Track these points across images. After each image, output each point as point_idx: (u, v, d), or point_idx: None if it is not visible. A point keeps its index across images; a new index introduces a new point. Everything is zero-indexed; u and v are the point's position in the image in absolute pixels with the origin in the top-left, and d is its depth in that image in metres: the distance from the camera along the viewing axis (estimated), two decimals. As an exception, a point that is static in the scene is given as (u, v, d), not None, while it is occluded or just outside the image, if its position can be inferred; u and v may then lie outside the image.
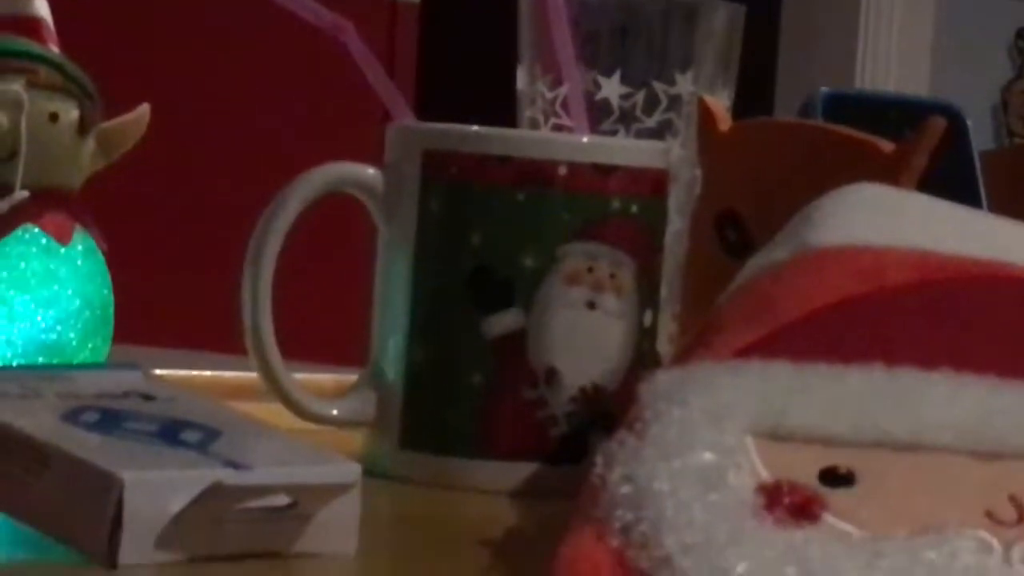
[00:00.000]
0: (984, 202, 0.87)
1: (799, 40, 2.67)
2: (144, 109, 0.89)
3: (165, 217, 1.03)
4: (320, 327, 0.95)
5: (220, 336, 0.94)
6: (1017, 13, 2.69)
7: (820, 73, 2.61)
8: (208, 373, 0.99)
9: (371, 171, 0.80)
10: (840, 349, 0.70)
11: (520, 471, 0.79)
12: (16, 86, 0.84)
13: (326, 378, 0.95)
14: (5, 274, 0.85)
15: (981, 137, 0.94)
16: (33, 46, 0.87)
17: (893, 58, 2.56)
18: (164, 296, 0.82)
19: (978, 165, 0.90)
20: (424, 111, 0.85)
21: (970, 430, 0.67)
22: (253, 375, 0.83)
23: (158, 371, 0.78)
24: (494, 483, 0.79)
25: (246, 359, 0.83)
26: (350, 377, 0.87)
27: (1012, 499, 0.62)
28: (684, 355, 0.74)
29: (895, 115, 0.87)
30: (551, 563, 0.56)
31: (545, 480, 0.79)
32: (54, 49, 0.88)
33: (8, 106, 0.84)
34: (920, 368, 0.68)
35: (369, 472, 0.72)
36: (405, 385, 0.81)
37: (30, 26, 0.88)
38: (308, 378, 0.87)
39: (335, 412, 0.81)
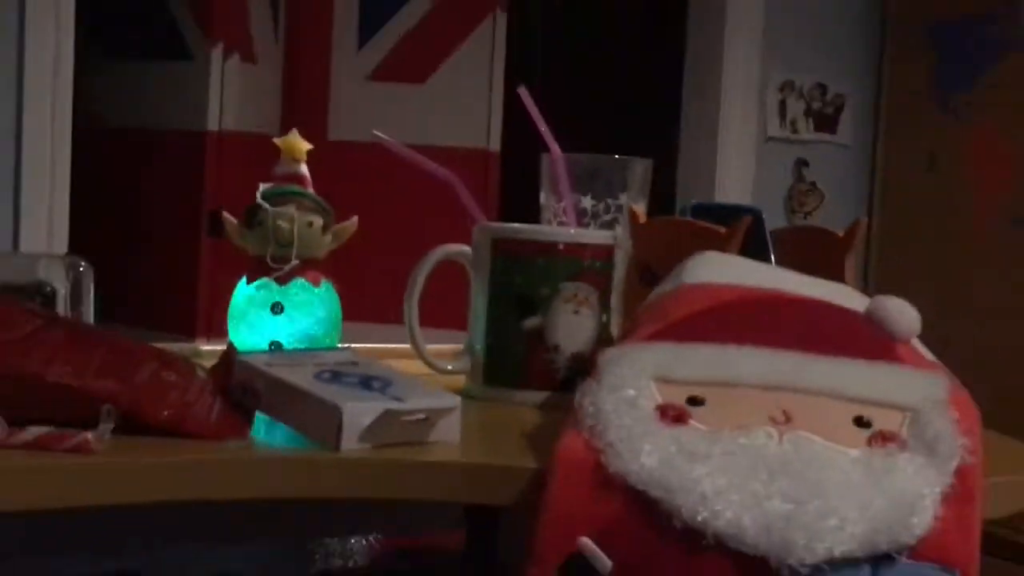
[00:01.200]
0: (772, 259, 1.12)
1: (689, 175, 3.02)
2: (354, 220, 1.13)
3: (364, 271, 1.21)
4: (441, 324, 1.15)
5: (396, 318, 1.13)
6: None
7: (690, 191, 3.09)
8: (384, 345, 1.19)
9: (467, 248, 1.09)
10: (698, 335, 0.93)
11: (541, 396, 1.06)
12: (291, 208, 1.08)
13: (445, 348, 1.13)
14: (289, 302, 1.09)
15: (777, 219, 1.21)
16: (300, 188, 1.11)
17: (729, 184, 2.96)
18: (363, 311, 1.04)
19: (769, 239, 1.15)
20: (495, 217, 1.11)
21: (764, 376, 0.89)
22: (409, 348, 1.11)
23: (357, 346, 1.03)
24: (530, 401, 1.05)
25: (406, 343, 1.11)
26: (456, 346, 1.13)
27: (783, 411, 0.86)
28: (620, 339, 1.00)
29: (727, 213, 1.11)
30: (555, 446, 0.84)
31: (554, 400, 1.04)
32: (309, 189, 1.11)
33: (288, 219, 1.07)
34: (740, 344, 0.91)
35: (466, 397, 0.99)
36: (485, 354, 1.08)
37: (299, 178, 1.11)
38: (435, 348, 1.11)
39: (450, 367, 1.10)
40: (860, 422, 0.86)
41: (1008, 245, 2.86)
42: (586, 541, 0.80)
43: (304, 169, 1.13)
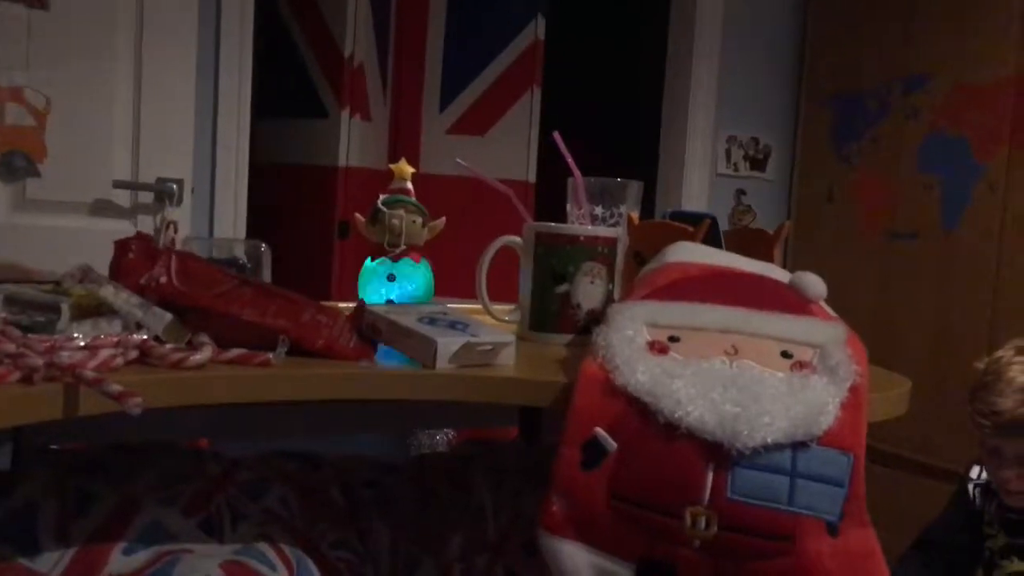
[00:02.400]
0: (724, 248, 1.11)
1: (665, 197, 3.02)
2: (442, 220, 1.14)
3: (449, 256, 1.20)
4: (499, 298, 1.12)
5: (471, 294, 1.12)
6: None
7: (667, 206, 3.06)
8: (463, 305, 1.15)
9: (519, 239, 1.09)
10: (675, 296, 0.94)
11: (568, 338, 1.06)
12: (401, 211, 1.10)
13: (503, 307, 1.13)
14: (399, 273, 1.10)
15: (723, 223, 1.21)
16: (406, 197, 1.12)
17: (691, 206, 2.95)
18: (449, 281, 1.04)
19: (722, 235, 1.17)
20: (537, 218, 1.10)
21: (721, 323, 0.90)
22: (480, 307, 1.11)
23: (450, 304, 1.05)
24: (561, 342, 1.06)
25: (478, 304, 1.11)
26: (511, 306, 1.13)
27: (734, 347, 0.87)
28: (621, 300, 0.99)
29: (693, 218, 1.10)
30: (579, 367, 0.86)
31: (577, 342, 1.04)
32: (412, 198, 1.13)
33: (399, 217, 1.08)
34: (704, 302, 0.92)
35: (519, 339, 0.99)
36: (530, 310, 1.08)
37: (406, 191, 1.13)
38: (497, 307, 1.12)
39: (507, 318, 1.10)
40: (785, 355, 0.87)
41: (885, 253, 2.86)
42: (599, 430, 0.82)
43: (409, 185, 1.15)
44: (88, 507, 0.89)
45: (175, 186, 2.23)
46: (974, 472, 1.69)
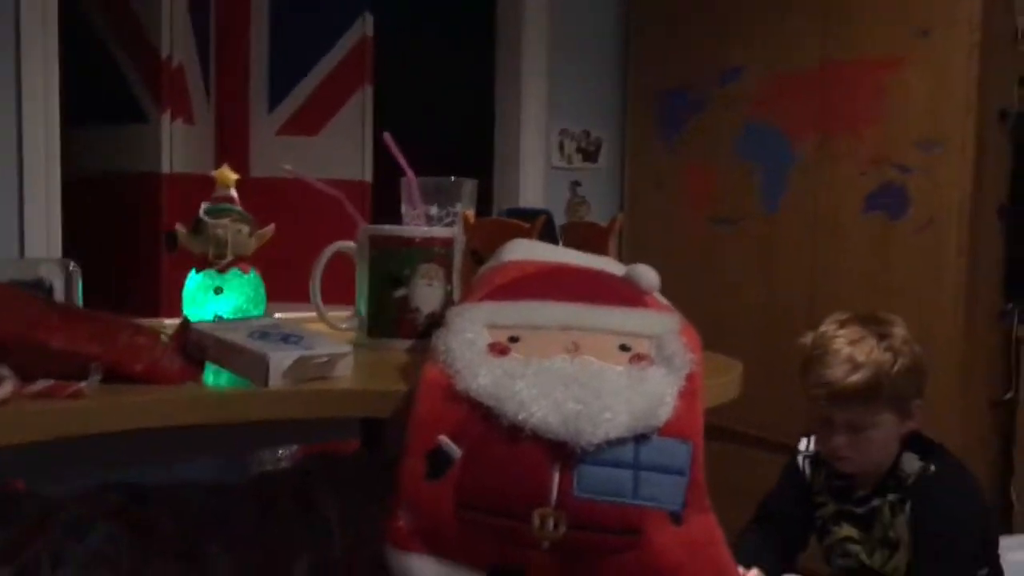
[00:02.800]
0: (560, 243, 1.13)
1: (501, 192, 3.04)
2: (271, 227, 1.10)
3: (283, 260, 1.17)
4: (334, 301, 1.10)
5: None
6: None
7: (502, 202, 3.07)
8: (296, 315, 1.10)
9: (353, 243, 1.07)
10: (514, 295, 0.93)
11: (407, 343, 1.04)
12: (225, 220, 1.05)
13: (339, 314, 1.10)
14: (227, 285, 1.06)
15: (560, 221, 1.22)
16: (231, 205, 1.08)
17: (526, 198, 2.98)
18: (283, 287, 1.01)
19: (557, 231, 1.17)
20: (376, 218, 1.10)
21: (559, 320, 0.89)
22: (314, 315, 1.08)
23: (279, 315, 1.01)
24: (400, 347, 1.03)
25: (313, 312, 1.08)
26: (347, 313, 1.10)
27: (574, 343, 0.86)
28: (460, 301, 0.98)
29: (528, 214, 1.11)
30: (419, 374, 0.83)
31: (418, 347, 1.02)
32: (237, 206, 1.08)
33: (223, 227, 1.04)
34: (542, 300, 0.91)
35: (356, 346, 0.97)
36: (368, 316, 1.05)
37: (230, 199, 1.08)
38: (333, 315, 1.09)
39: (344, 326, 1.07)
40: (624, 348, 0.87)
41: (708, 237, 2.97)
42: (443, 437, 0.80)
43: (234, 192, 1.09)
44: None
45: (-27, 208, 2.06)
46: (803, 444, 1.77)
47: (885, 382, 1.51)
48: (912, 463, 1.56)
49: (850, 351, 1.54)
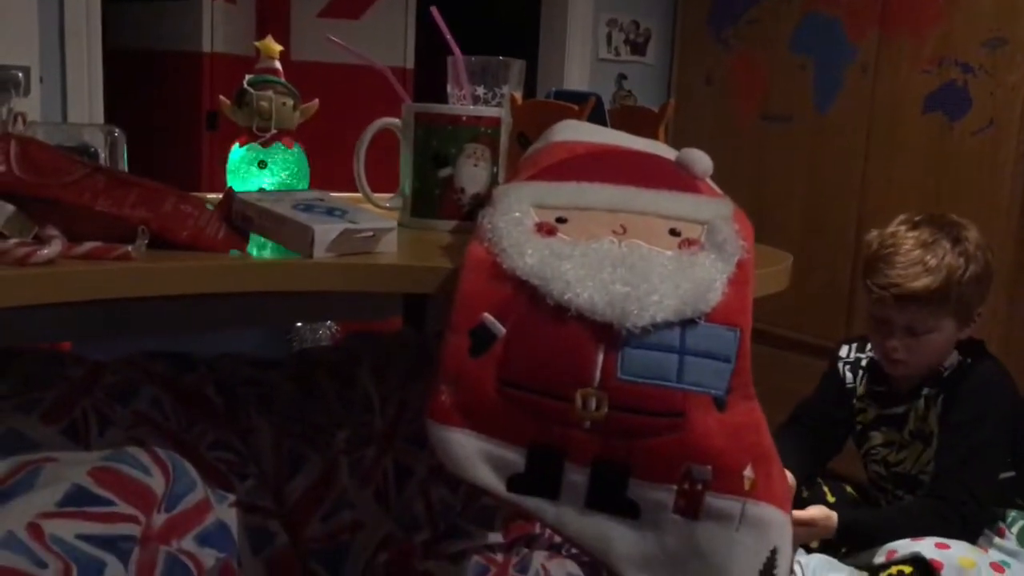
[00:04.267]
0: (608, 125, 1.09)
1: (545, 74, 2.92)
2: (315, 102, 1.09)
3: (324, 146, 1.13)
4: (379, 184, 1.08)
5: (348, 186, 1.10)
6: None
7: (552, 65, 2.99)
8: (340, 193, 1.07)
9: (398, 120, 1.04)
10: (562, 176, 0.91)
11: (451, 224, 1.03)
12: (269, 92, 1.03)
13: (383, 195, 1.07)
14: (271, 159, 1.04)
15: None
16: (275, 77, 1.06)
17: (576, 81, 2.88)
18: (325, 174, 0.99)
19: (607, 115, 1.13)
20: (416, 99, 1.05)
21: (608, 202, 0.88)
22: (359, 196, 1.06)
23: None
24: (444, 228, 1.03)
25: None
26: (391, 195, 1.08)
27: (622, 226, 0.85)
28: (506, 182, 0.98)
29: (577, 97, 1.07)
30: (465, 252, 0.83)
31: (461, 228, 1.01)
32: (282, 78, 1.06)
33: (267, 99, 1.02)
34: (591, 181, 0.89)
35: (400, 226, 0.94)
36: (412, 195, 1.04)
37: (274, 71, 1.06)
38: (376, 195, 1.07)
39: (387, 204, 1.05)
40: (673, 232, 0.86)
41: (757, 136, 2.90)
42: (487, 315, 0.80)
43: (278, 65, 1.07)
44: (-65, 419, 0.82)
45: (20, 74, 2.05)
46: (844, 351, 1.75)
47: (953, 288, 1.46)
48: (952, 358, 1.54)
49: (921, 254, 1.49)
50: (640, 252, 0.83)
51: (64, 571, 0.74)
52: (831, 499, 1.64)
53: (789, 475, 1.48)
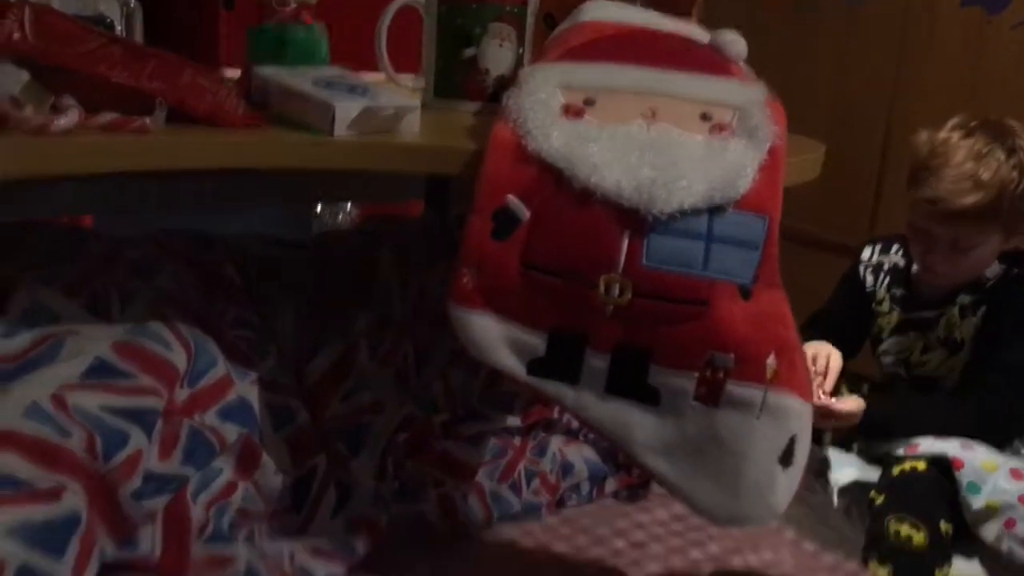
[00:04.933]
0: (639, 3, 1.04)
1: None
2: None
3: (344, 26, 1.06)
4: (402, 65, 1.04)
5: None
6: None
7: None
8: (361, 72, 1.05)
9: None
10: (590, 56, 0.89)
11: (475, 106, 1.00)
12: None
13: (406, 75, 1.03)
14: (290, 37, 0.98)
15: None
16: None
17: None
18: (344, 54, 0.95)
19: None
20: None
21: (637, 84, 0.85)
22: (380, 76, 1.02)
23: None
24: (468, 110, 1.00)
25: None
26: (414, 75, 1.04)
27: (651, 109, 0.83)
28: (533, 62, 0.95)
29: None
30: (490, 133, 0.80)
31: (486, 110, 0.98)
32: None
33: None
34: (620, 62, 0.87)
35: (423, 107, 0.92)
36: (436, 75, 1.01)
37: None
38: (399, 76, 1.02)
39: (411, 84, 1.02)
40: (704, 117, 0.83)
41: (788, 25, 2.81)
42: (511, 197, 0.79)
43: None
44: (-43, 290, 0.82)
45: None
46: (866, 254, 1.72)
47: (1005, 203, 1.38)
48: (995, 268, 1.51)
49: (974, 167, 1.39)
50: (669, 136, 0.81)
51: (88, 441, 0.75)
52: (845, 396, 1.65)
53: (836, 355, 1.47)
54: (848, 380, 1.70)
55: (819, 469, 1.60)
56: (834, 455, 1.63)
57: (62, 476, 0.73)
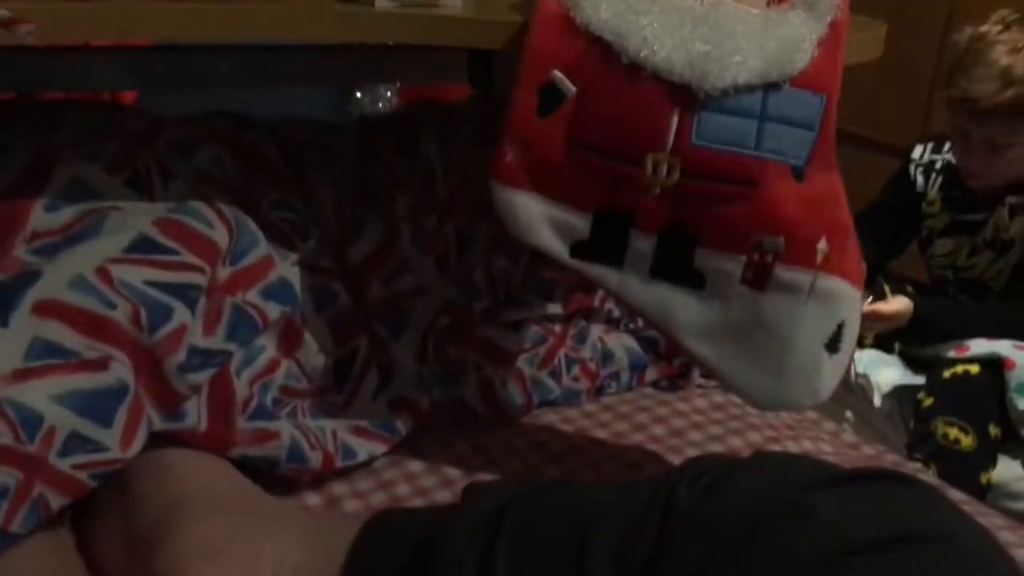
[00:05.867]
0: None
1: None
2: None
3: None
4: None
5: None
6: None
7: None
8: None
9: None
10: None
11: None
12: None
13: None
14: None
15: None
16: None
17: None
18: None
19: None
20: None
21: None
22: None
23: None
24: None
25: None
26: None
27: None
28: None
29: None
30: (535, 5, 0.75)
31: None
32: None
33: None
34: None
35: None
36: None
37: None
38: None
39: None
40: (762, -11, 0.80)
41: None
42: (557, 72, 0.76)
43: None
44: (0, 162, 0.82)
45: None
46: (917, 152, 1.68)
47: None
48: None
49: (1008, 63, 1.36)
50: (725, 9, 0.77)
51: (133, 313, 0.76)
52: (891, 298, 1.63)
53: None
54: (892, 282, 1.68)
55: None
56: (876, 357, 1.63)
57: (109, 347, 0.74)
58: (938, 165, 1.63)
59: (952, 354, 1.41)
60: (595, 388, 1.06)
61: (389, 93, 1.89)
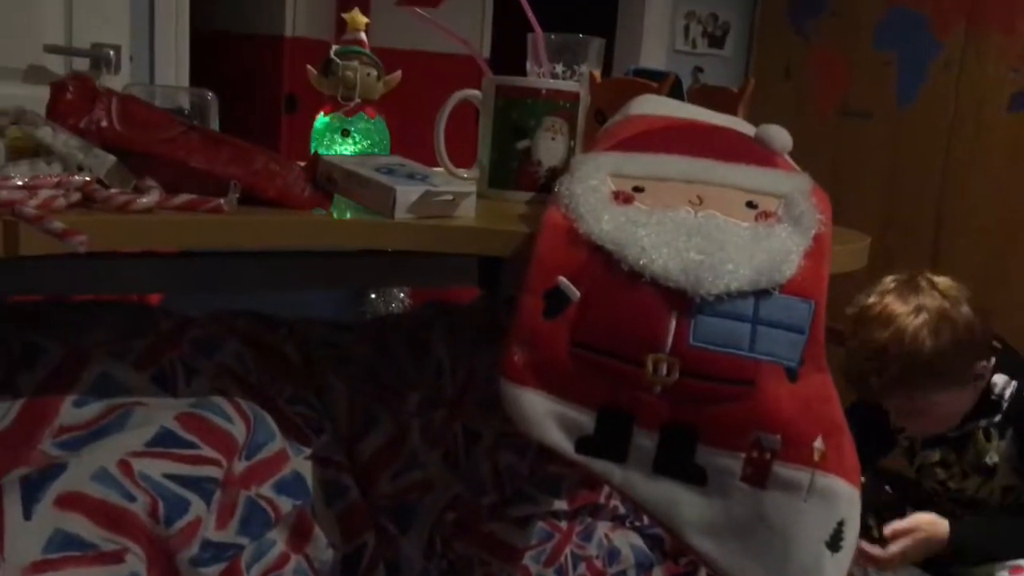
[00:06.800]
0: (686, 100, 1.10)
1: (621, 67, 2.94)
2: (398, 73, 1.11)
3: (403, 128, 1.15)
4: (458, 159, 1.08)
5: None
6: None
7: (628, 57, 2.99)
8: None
9: (479, 92, 1.07)
10: (639, 147, 0.91)
11: (528, 195, 1.04)
12: (355, 62, 1.06)
13: (461, 170, 1.06)
14: (354, 128, 1.07)
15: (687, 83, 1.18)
16: (360, 48, 1.09)
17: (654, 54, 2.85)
18: (404, 152, 1.01)
19: (685, 95, 1.14)
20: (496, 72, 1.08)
21: (685, 173, 0.88)
22: (438, 168, 1.05)
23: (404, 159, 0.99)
24: (520, 199, 1.04)
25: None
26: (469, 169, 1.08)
27: (698, 197, 0.86)
28: (585, 150, 0.99)
29: (657, 75, 1.08)
30: (542, 217, 0.84)
31: (537, 199, 1.02)
32: (366, 49, 1.09)
33: (353, 69, 1.05)
34: (668, 153, 0.90)
35: (479, 196, 0.96)
36: (490, 166, 1.06)
37: (359, 42, 1.09)
38: (456, 170, 1.06)
39: (465, 175, 1.07)
40: (750, 205, 0.86)
41: (835, 132, 2.87)
42: (562, 278, 0.81)
43: (363, 36, 1.09)
44: (34, 359, 0.87)
45: (112, 52, 2.14)
46: None
47: (919, 374, 1.39)
48: (1004, 384, 1.48)
49: (883, 340, 1.40)
50: (716, 222, 0.83)
51: (152, 505, 0.78)
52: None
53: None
54: (884, 481, 1.65)
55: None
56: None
57: (125, 539, 0.76)
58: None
59: (1006, 575, 1.38)
60: (602, 587, 1.06)
61: (402, 295, 1.96)
